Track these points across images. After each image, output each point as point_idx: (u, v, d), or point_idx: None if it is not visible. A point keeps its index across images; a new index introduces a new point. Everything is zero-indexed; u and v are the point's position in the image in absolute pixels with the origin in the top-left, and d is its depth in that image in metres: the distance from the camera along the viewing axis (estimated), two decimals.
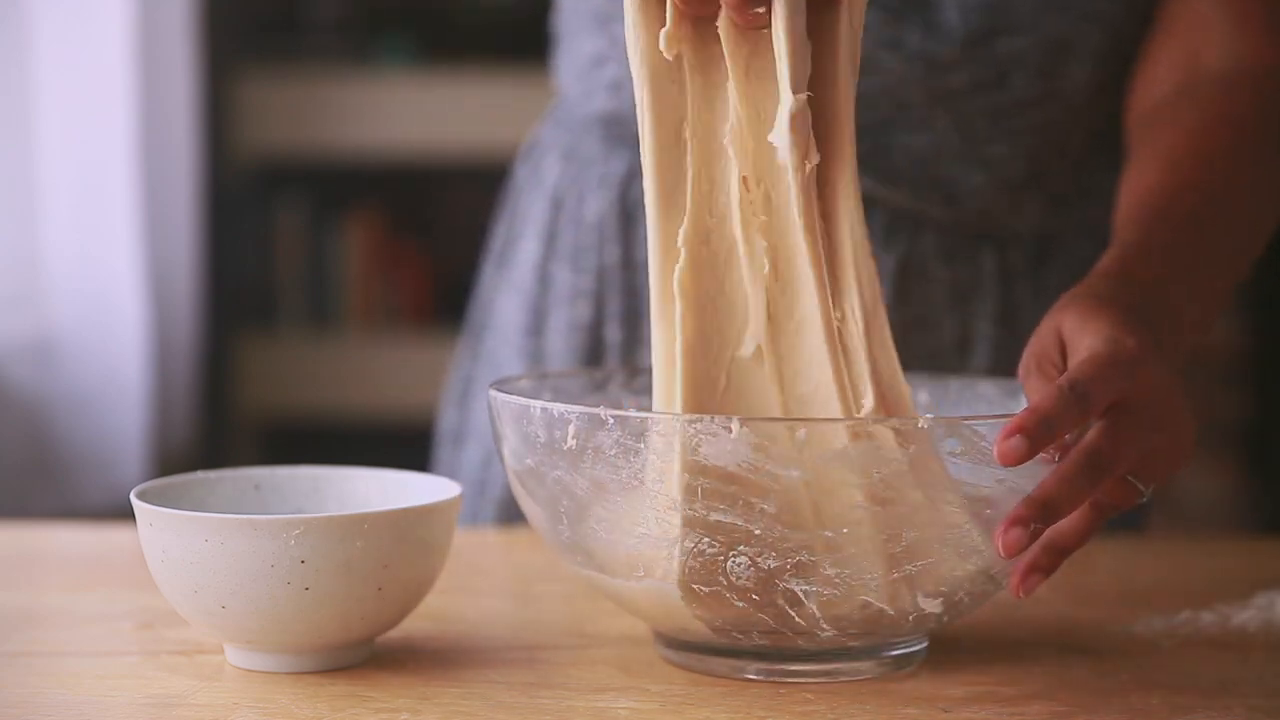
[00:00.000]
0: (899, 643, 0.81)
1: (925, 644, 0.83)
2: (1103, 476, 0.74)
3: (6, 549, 1.06)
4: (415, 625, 0.87)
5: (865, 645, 0.80)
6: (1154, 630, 0.89)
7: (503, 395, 0.82)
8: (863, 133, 1.06)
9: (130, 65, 2.32)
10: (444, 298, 3.08)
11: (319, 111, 2.95)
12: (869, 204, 1.08)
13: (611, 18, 1.12)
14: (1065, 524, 0.77)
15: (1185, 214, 0.90)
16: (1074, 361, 0.77)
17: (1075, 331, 0.78)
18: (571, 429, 0.78)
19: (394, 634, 0.85)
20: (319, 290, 3.07)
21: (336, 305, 3.07)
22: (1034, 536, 0.73)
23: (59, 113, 2.30)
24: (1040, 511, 0.73)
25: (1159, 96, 1.04)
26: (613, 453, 0.77)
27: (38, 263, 2.33)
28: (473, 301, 1.28)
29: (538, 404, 0.79)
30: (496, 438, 0.84)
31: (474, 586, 0.98)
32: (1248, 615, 0.91)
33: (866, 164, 1.07)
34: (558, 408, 0.78)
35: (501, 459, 0.84)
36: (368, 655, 0.83)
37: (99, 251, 2.34)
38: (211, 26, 2.73)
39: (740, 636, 0.79)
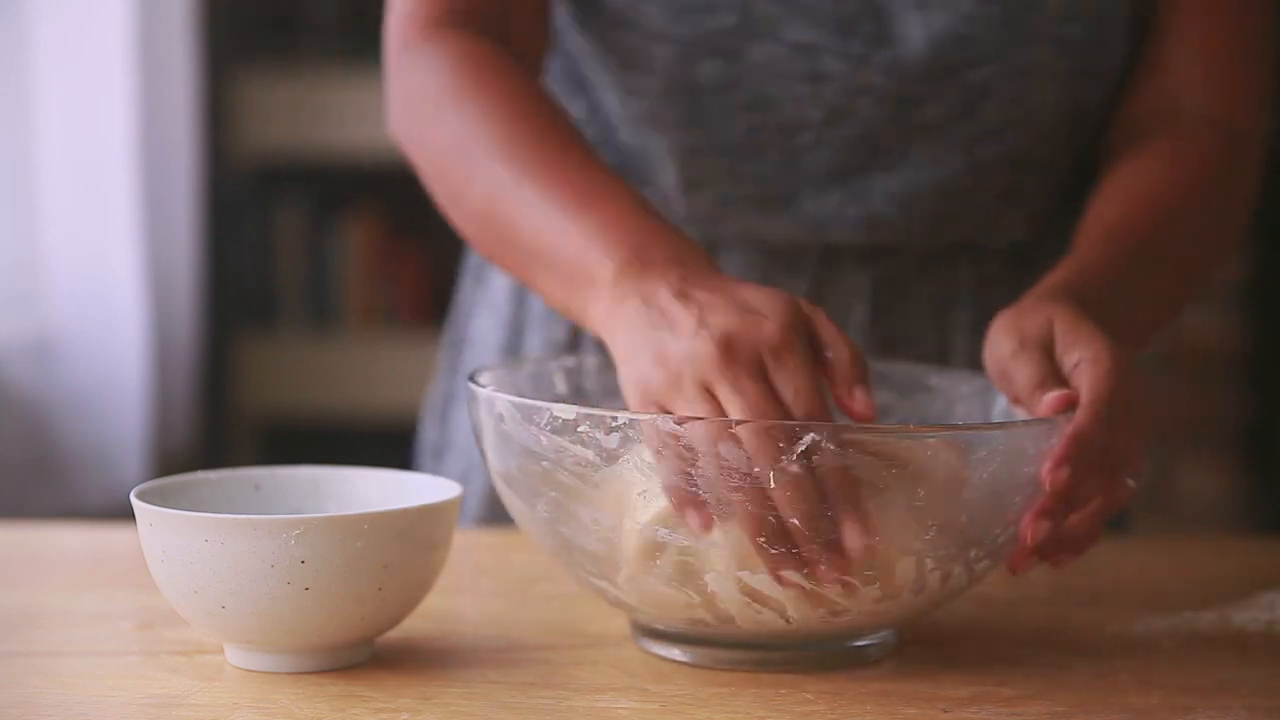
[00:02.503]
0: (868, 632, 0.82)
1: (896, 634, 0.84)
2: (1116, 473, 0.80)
3: (6, 549, 1.06)
4: (415, 625, 0.87)
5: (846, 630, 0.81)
6: (1154, 630, 0.89)
7: (484, 393, 0.82)
8: (840, 181, 1.05)
9: (130, 65, 2.32)
10: (444, 298, 3.06)
11: (319, 111, 2.95)
12: (847, 248, 1.08)
13: (585, 83, 1.11)
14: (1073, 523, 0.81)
15: (1140, 242, 0.97)
16: (1078, 366, 0.82)
17: (1071, 332, 0.84)
18: (555, 426, 0.78)
19: (394, 634, 0.85)
20: (319, 290, 3.07)
21: (336, 305, 3.07)
22: (1054, 529, 0.79)
23: (59, 112, 2.30)
24: (1062, 505, 0.79)
25: (1139, 121, 1.08)
26: (596, 451, 0.77)
27: (38, 263, 2.34)
28: (451, 315, 1.27)
29: (522, 401, 0.79)
30: (478, 438, 0.84)
31: (474, 586, 0.98)
32: (1248, 615, 0.91)
33: (845, 213, 1.06)
34: (541, 405, 0.78)
35: (484, 457, 0.84)
36: (368, 655, 0.83)
37: (99, 251, 2.34)
38: (211, 26, 2.73)
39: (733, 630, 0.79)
